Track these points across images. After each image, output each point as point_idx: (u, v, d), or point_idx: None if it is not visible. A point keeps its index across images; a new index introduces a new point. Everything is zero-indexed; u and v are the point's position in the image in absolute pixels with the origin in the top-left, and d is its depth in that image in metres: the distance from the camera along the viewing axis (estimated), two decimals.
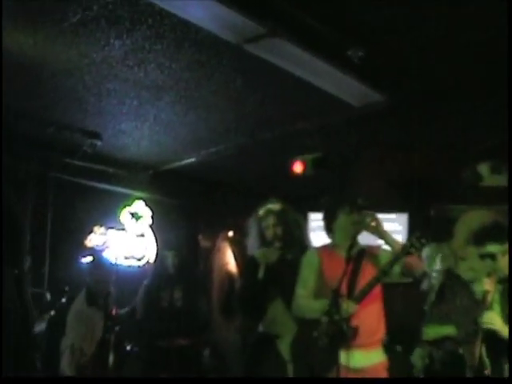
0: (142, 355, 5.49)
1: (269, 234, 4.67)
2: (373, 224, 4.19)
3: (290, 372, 4.36)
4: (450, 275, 4.81)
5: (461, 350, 4.08)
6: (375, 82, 4.88)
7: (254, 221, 4.81)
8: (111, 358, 5.06)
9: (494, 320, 3.88)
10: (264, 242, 4.70)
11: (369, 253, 4.24)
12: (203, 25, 4.04)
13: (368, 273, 4.12)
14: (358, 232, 4.24)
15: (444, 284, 4.62)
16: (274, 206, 4.75)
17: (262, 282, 4.50)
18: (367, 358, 4.02)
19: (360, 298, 3.98)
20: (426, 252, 5.06)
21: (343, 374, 3.80)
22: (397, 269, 4.12)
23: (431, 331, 4.47)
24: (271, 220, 4.68)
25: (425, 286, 5.10)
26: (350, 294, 4.00)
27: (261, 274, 4.50)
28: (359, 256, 4.16)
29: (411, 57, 4.49)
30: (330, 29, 4.05)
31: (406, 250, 4.06)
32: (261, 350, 4.55)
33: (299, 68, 4.58)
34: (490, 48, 4.28)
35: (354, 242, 4.19)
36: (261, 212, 4.77)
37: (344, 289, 4.01)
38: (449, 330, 4.23)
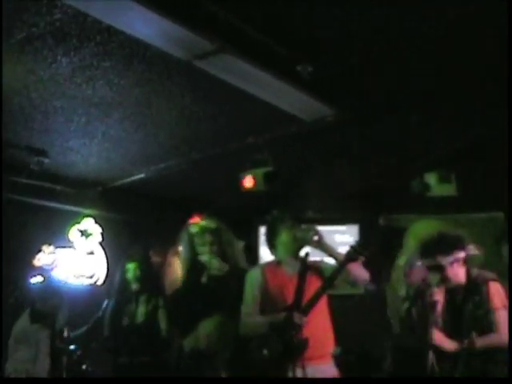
0: (100, 373, 5.35)
1: (204, 251, 4.58)
2: (315, 238, 4.19)
3: None
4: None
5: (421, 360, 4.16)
6: (325, 97, 4.92)
7: (186, 237, 4.70)
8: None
9: (436, 337, 3.94)
10: (196, 258, 4.62)
11: (312, 267, 4.24)
12: (152, 41, 4.02)
13: (313, 287, 4.12)
14: (300, 247, 4.24)
15: (418, 294, 4.70)
16: (210, 224, 4.68)
17: (203, 287, 4.42)
18: (319, 371, 4.02)
19: (308, 310, 3.98)
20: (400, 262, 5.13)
21: None
22: (340, 278, 4.13)
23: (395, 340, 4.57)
24: (207, 238, 4.61)
25: (402, 293, 5.13)
26: (298, 308, 4.00)
27: (204, 279, 4.44)
28: (303, 271, 4.16)
29: (360, 71, 4.55)
30: (280, 44, 4.07)
31: (349, 256, 4.09)
32: (196, 368, 4.42)
33: (249, 84, 4.59)
34: (441, 60, 4.39)
35: (305, 258, 4.20)
36: (194, 229, 4.66)
37: (292, 304, 4.01)
38: (410, 339, 4.33)
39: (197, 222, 4.66)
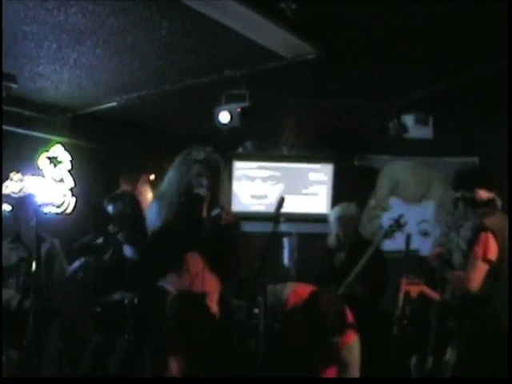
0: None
1: (199, 183, 3.98)
2: None
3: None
4: (357, 236, 4.97)
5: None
6: (307, 35, 4.82)
7: (187, 162, 4.07)
8: None
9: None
10: (186, 186, 4.02)
11: None
12: None
13: None
14: None
15: (352, 244, 4.76)
16: (214, 156, 4.27)
17: (197, 223, 3.92)
18: None
19: None
20: (332, 214, 5.09)
21: None
22: None
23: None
24: (207, 170, 4.02)
25: (332, 243, 5.09)
26: None
27: (200, 215, 3.95)
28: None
29: (344, 10, 4.44)
30: None
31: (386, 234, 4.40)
32: (185, 310, 4.10)
33: (230, 18, 4.46)
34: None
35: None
36: (200, 155, 4.05)
37: None
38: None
39: (202, 150, 4.19)
